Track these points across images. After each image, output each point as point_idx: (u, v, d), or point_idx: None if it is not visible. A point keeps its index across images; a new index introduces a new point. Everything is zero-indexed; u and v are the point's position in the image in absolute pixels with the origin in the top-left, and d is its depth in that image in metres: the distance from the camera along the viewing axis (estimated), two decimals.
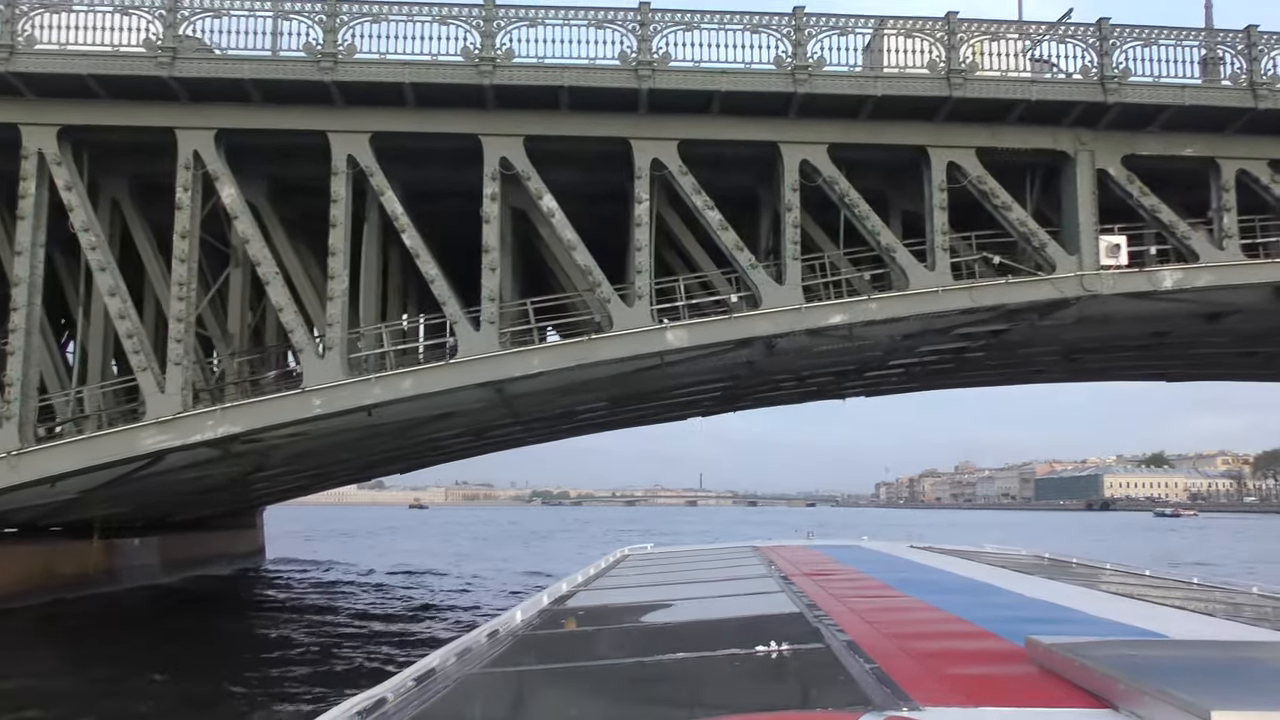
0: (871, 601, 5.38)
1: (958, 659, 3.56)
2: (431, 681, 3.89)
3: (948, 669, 3.28)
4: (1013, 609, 5.14)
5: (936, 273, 22.25)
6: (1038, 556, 9.69)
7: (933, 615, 4.94)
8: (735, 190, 24.79)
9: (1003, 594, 5.95)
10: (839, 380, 34.74)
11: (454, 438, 32.93)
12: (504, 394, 24.66)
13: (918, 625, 4.53)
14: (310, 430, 23.36)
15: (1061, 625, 4.36)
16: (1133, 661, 2.90)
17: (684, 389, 30.04)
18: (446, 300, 21.85)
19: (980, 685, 3.03)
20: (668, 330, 21.80)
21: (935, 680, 3.09)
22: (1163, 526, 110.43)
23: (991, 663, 3.47)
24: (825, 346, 25.34)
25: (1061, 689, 2.87)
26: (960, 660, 3.54)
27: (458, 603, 32.49)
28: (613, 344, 21.72)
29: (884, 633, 4.07)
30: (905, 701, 2.78)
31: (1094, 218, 22.50)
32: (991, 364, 34.04)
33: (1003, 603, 5.52)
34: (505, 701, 3.90)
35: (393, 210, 22.05)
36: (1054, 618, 4.79)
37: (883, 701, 2.80)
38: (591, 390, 27.03)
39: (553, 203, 22.13)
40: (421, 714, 3.41)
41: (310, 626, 25.93)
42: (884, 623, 4.38)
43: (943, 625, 4.58)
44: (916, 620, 4.75)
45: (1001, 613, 4.84)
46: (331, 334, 21.68)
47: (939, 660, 3.45)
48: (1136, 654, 3.12)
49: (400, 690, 3.64)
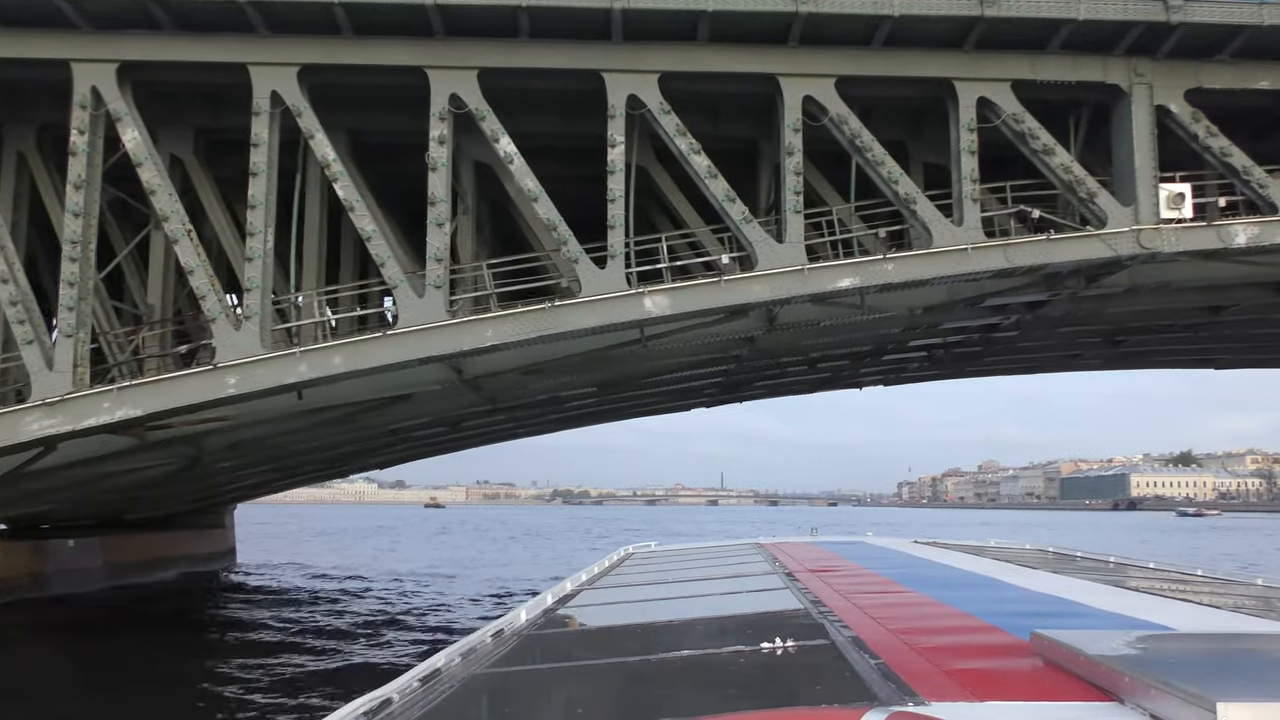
0: (876, 597, 5.35)
1: (962, 653, 3.58)
2: (437, 681, 3.85)
3: (953, 664, 3.28)
4: (1017, 603, 5.18)
5: (965, 228, 18.77)
6: (1041, 551, 9.79)
7: (937, 610, 4.94)
8: (732, 144, 21.46)
9: (1007, 588, 5.98)
10: (854, 365, 31.27)
11: (425, 428, 29.64)
12: (465, 374, 21.39)
13: (922, 620, 4.52)
14: (235, 415, 20.15)
15: (1066, 619, 4.39)
16: (1137, 655, 2.88)
17: (677, 372, 26.64)
18: (385, 261, 18.56)
19: (985, 679, 3.03)
20: (645, 296, 18.41)
21: (940, 675, 3.09)
22: (1181, 528, 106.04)
23: (996, 657, 3.49)
24: (835, 320, 21.92)
25: (1066, 682, 2.86)
26: (965, 655, 3.55)
27: (411, 621, 29.24)
28: (580, 311, 18.37)
29: (888, 628, 4.06)
30: (911, 696, 2.77)
31: (1153, 162, 18.95)
32: (1025, 346, 30.48)
33: (1007, 597, 5.53)
34: (511, 701, 3.83)
35: (323, 156, 18.77)
36: (1058, 611, 4.76)
37: (888, 697, 2.79)
38: (569, 372, 23.71)
39: (510, 146, 18.80)
40: (427, 714, 3.39)
41: (227, 655, 22.53)
42: (888, 618, 4.37)
43: (947, 620, 4.58)
44: (921, 615, 4.74)
45: (1006, 607, 4.87)
46: (250, 301, 18.40)
47: (944, 655, 3.44)
48: (1141, 647, 3.06)
49: (406, 690, 3.59)
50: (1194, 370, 41.35)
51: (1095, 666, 2.79)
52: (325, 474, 42.98)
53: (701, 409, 38.40)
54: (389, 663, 19.23)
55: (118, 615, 26.03)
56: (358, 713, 3.21)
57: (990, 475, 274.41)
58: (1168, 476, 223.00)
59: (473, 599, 31.52)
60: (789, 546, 9.48)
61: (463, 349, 18.46)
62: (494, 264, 19.76)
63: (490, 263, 19.83)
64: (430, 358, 18.61)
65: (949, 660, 3.33)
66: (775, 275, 18.52)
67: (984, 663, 3.36)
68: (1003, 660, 3.40)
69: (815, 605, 4.94)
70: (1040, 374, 39.95)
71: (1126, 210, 18.84)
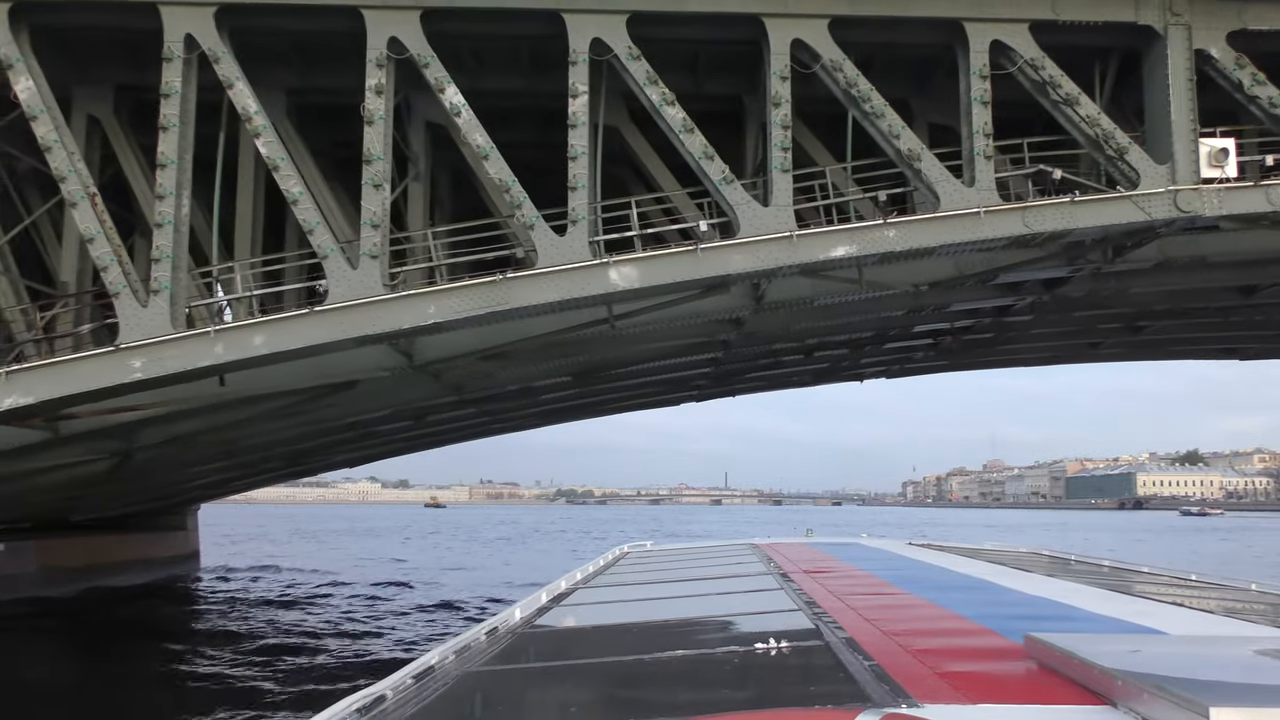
0: (870, 599, 5.33)
1: (956, 656, 3.59)
2: (430, 679, 3.82)
3: (946, 666, 3.27)
4: (1011, 606, 5.16)
5: (976, 189, 16.42)
6: (1036, 553, 9.79)
7: (932, 612, 4.93)
8: (714, 104, 19.20)
9: (1001, 591, 5.94)
10: (854, 354, 28.91)
11: (387, 422, 27.32)
12: (416, 359, 19.05)
13: (917, 622, 4.48)
14: (151, 404, 17.84)
15: (1060, 622, 4.36)
16: (1131, 658, 2.83)
17: (659, 361, 24.30)
18: (314, 228, 16.25)
19: (979, 682, 3.05)
20: (611, 267, 16.08)
21: (934, 677, 3.09)
22: (1170, 528, 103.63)
23: (990, 660, 3.50)
24: (830, 298, 19.58)
25: (1060, 686, 2.87)
26: (959, 657, 3.57)
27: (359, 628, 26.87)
28: (536, 285, 16.05)
29: (883, 630, 4.03)
30: (904, 698, 2.77)
31: (1191, 114, 16.59)
32: (1039, 333, 28.13)
33: (1001, 600, 5.53)
34: (504, 699, 3.80)
35: (244, 108, 16.47)
36: (1053, 615, 4.75)
37: (881, 698, 2.79)
38: (535, 358, 21.40)
39: (457, 97, 16.48)
40: (421, 711, 3.38)
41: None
42: (883, 620, 4.32)
43: (941, 622, 4.57)
44: (915, 617, 4.71)
45: (1000, 610, 4.86)
46: (159, 274, 16.08)
47: (938, 657, 3.44)
48: (1135, 651, 3.01)
49: (399, 688, 3.58)
50: (1197, 368, 38.85)
51: (1089, 670, 2.76)
52: (292, 471, 40.64)
53: (695, 404, 36.10)
54: None
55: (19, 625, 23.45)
56: (351, 710, 3.17)
57: (995, 474, 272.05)
58: (1175, 476, 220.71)
59: (401, 628, 27.40)
60: (784, 547, 9.41)
61: (402, 327, 16.14)
62: (441, 232, 17.47)
63: (437, 230, 17.53)
64: (366, 337, 16.30)
65: (942, 662, 3.30)
66: (759, 243, 16.18)
67: (977, 665, 3.38)
68: (996, 663, 3.39)
69: (809, 606, 4.93)
70: (1053, 365, 37.55)
71: (1161, 169, 16.48)
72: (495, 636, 4.88)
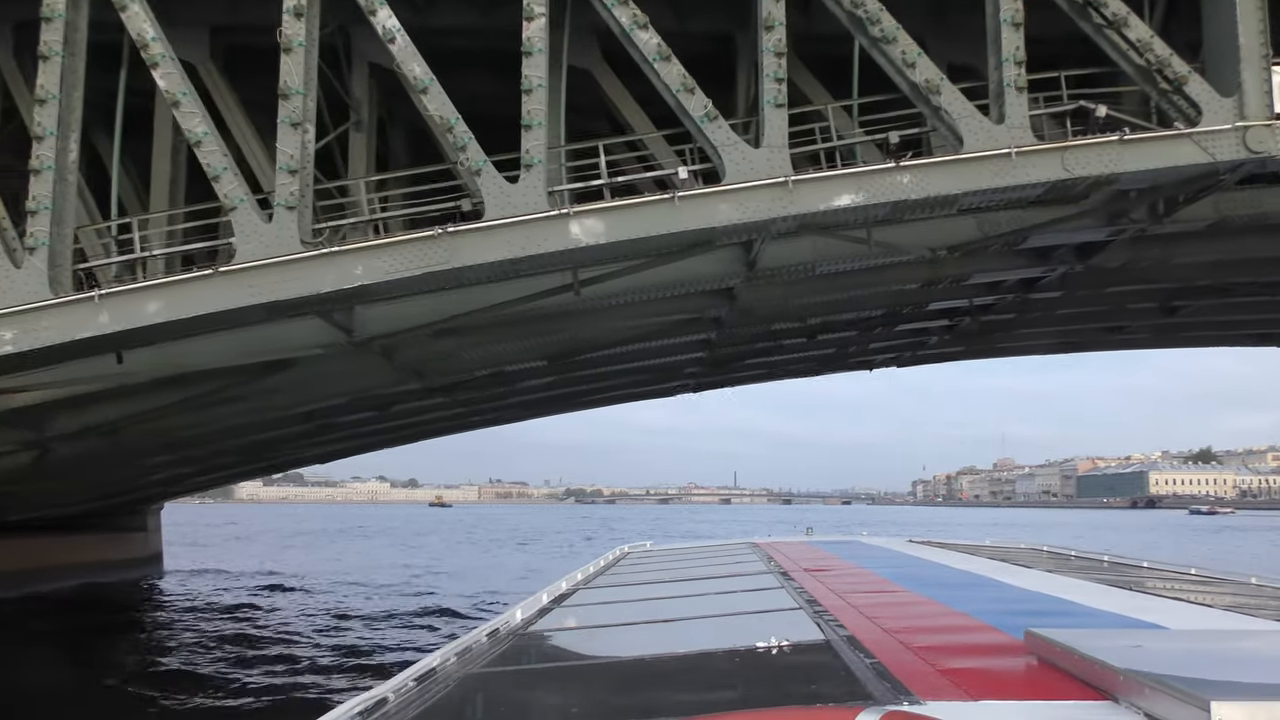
0: (870, 596, 5.31)
1: (957, 652, 3.59)
2: (432, 681, 3.79)
3: (947, 663, 3.27)
4: (1011, 602, 5.14)
5: (1006, 126, 13.78)
6: (1035, 549, 9.77)
7: (932, 609, 4.91)
8: (701, 44, 16.63)
9: (1001, 587, 5.97)
10: (862, 338, 26.32)
11: (346, 412, 24.79)
12: (358, 334, 16.54)
13: (917, 619, 4.49)
14: (40, 384, 15.33)
15: (1060, 618, 4.34)
16: (1132, 653, 2.81)
17: (644, 343, 21.70)
18: (219, 174, 13.71)
19: (980, 678, 3.03)
20: (572, 219, 13.49)
21: (935, 674, 3.08)
22: (1180, 525, 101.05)
23: (991, 656, 3.51)
24: (833, 264, 17.04)
25: (1061, 681, 2.87)
26: (960, 654, 3.57)
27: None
28: (483, 240, 13.49)
29: (883, 627, 4.04)
30: (905, 696, 2.76)
31: (1262, 38, 13.93)
32: (1063, 313, 25.48)
33: (1001, 596, 5.51)
34: (506, 701, 3.76)
35: (139, 34, 13.94)
36: (1053, 610, 4.75)
37: (883, 696, 2.77)
38: (498, 336, 18.87)
39: (391, 20, 13.95)
40: (423, 714, 3.36)
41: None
42: (883, 617, 4.32)
43: (942, 619, 4.58)
44: (916, 614, 4.72)
45: (1000, 606, 4.87)
46: (36, 228, 13.56)
47: (938, 654, 3.45)
48: (1135, 646, 2.98)
49: (401, 690, 3.55)
50: (1205, 367, 36.13)
51: (1090, 665, 2.78)
52: (257, 467, 38.08)
53: (697, 401, 33.50)
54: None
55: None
56: (353, 712, 3.13)
57: (1006, 473, 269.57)
58: (1188, 474, 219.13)
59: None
60: (784, 546, 9.40)
61: (322, 291, 13.58)
62: (381, 183, 14.94)
63: (377, 180, 15.00)
64: (282, 304, 13.76)
65: (944, 659, 3.31)
66: (749, 190, 13.58)
67: (979, 662, 3.38)
68: (997, 659, 3.40)
69: (810, 604, 4.91)
70: (1072, 353, 34.81)
71: (1227, 102, 13.82)
72: (496, 638, 4.83)
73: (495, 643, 4.68)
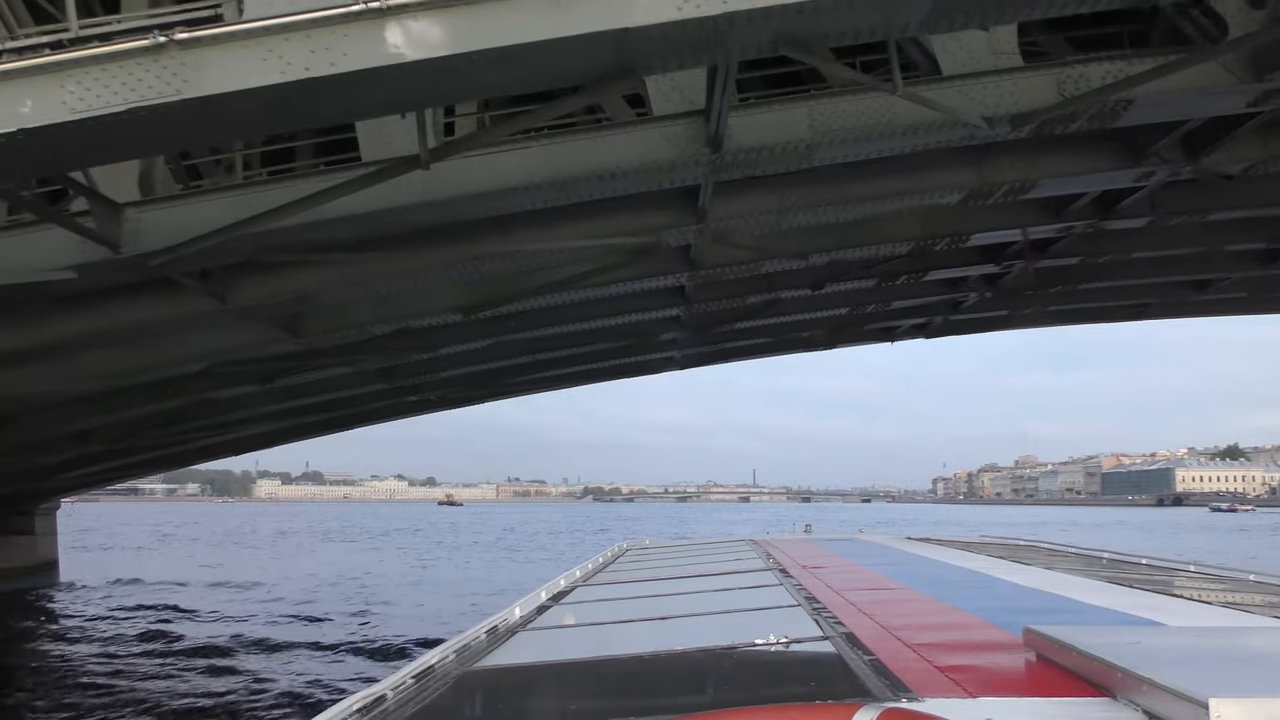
0: (869, 594, 5.28)
1: (956, 650, 3.58)
2: (430, 678, 3.76)
3: (946, 660, 3.27)
4: (1010, 599, 5.17)
5: None
6: (1033, 546, 9.65)
7: (930, 606, 4.97)
8: None
9: (1000, 584, 5.92)
10: (881, 290, 20.57)
11: (217, 385, 19.21)
12: (125, 249, 10.98)
13: (916, 617, 4.47)
14: None
15: (1059, 615, 4.34)
16: (1130, 650, 2.80)
17: (582, 286, 15.99)
18: None
19: (978, 675, 3.03)
20: (390, 18, 7.79)
21: (933, 671, 3.08)
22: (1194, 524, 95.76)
23: (989, 653, 3.51)
24: (842, 150, 11.35)
25: (1059, 678, 2.87)
26: (958, 651, 3.56)
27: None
28: (239, 53, 7.85)
29: (882, 625, 4.02)
30: (904, 693, 2.75)
31: None
32: (1141, 257, 19.75)
33: (1000, 593, 5.49)
34: (504, 697, 3.74)
35: None
36: (1051, 607, 4.73)
37: (881, 693, 2.76)
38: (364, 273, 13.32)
39: None
40: (421, 711, 3.34)
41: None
42: (882, 615, 4.31)
43: (940, 616, 4.57)
44: (914, 612, 4.70)
45: (999, 603, 4.88)
46: None
47: (937, 651, 3.43)
48: (1134, 643, 2.98)
49: (400, 687, 3.53)
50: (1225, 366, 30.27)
51: (1088, 662, 2.77)
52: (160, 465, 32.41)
53: (702, 400, 27.94)
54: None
55: None
56: (351, 709, 3.12)
57: (1028, 470, 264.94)
58: (1214, 471, 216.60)
59: None
60: (783, 543, 9.38)
61: None
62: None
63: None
64: None
65: (942, 656, 3.31)
66: None
67: (977, 659, 3.39)
68: (996, 656, 3.40)
69: (809, 602, 4.89)
70: (1139, 321, 28.80)
71: (1257, 15, 8.55)
72: (495, 635, 4.77)
73: (494, 639, 4.63)
